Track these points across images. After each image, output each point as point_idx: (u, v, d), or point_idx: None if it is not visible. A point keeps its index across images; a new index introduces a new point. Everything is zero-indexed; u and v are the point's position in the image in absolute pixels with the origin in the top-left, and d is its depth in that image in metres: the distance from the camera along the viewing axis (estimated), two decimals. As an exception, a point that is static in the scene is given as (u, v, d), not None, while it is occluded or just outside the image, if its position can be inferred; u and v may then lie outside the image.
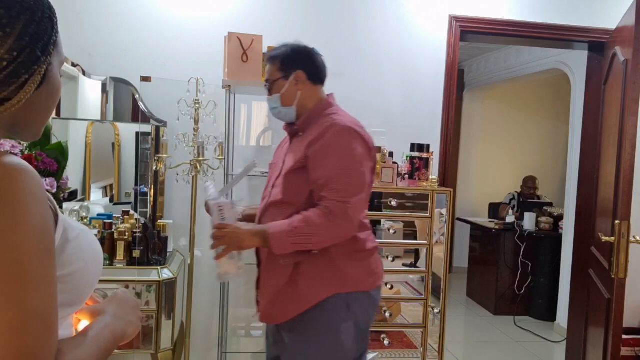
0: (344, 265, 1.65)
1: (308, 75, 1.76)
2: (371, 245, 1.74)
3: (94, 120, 2.76)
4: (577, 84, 4.17)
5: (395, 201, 2.58)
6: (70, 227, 0.75)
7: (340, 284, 1.63)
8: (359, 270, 1.68)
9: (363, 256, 1.70)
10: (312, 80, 1.77)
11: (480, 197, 6.19)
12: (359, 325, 1.67)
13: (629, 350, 3.33)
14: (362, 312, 1.67)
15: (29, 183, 0.61)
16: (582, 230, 3.32)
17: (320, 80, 1.81)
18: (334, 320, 1.63)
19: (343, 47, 3.04)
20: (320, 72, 1.80)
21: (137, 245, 2.39)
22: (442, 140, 3.13)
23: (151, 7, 2.87)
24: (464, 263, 5.72)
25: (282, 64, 1.76)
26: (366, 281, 1.69)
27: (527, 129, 6.34)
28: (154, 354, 2.36)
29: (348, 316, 1.64)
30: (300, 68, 1.75)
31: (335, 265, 1.64)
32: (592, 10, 3.21)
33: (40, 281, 0.60)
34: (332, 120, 1.66)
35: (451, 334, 3.90)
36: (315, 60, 1.80)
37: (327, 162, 1.60)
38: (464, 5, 3.11)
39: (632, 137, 2.36)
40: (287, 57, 1.77)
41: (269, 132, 3.05)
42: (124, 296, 0.87)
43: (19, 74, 0.66)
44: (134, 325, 0.84)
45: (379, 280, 1.75)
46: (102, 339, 0.74)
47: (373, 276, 1.72)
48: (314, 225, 1.56)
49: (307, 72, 1.76)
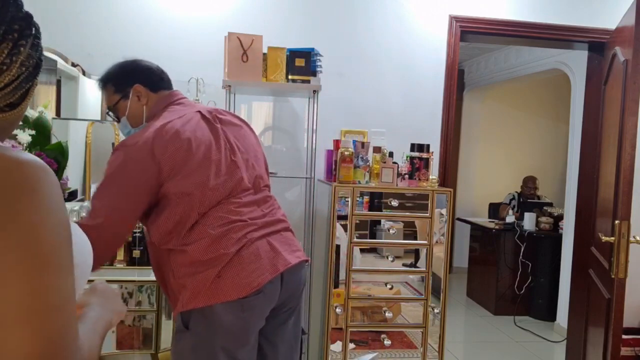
0: (176, 284, 1.54)
1: (146, 86, 1.68)
2: (213, 254, 1.50)
3: (94, 120, 2.76)
4: (577, 84, 4.17)
5: (395, 201, 2.58)
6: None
7: (179, 303, 1.52)
8: (188, 286, 1.50)
9: (193, 270, 1.50)
10: (153, 90, 1.68)
11: (480, 197, 6.19)
12: (198, 341, 1.51)
13: (629, 350, 3.33)
14: (203, 330, 1.50)
15: (52, 180, 0.65)
16: (582, 230, 3.32)
17: (161, 86, 1.71)
18: (175, 331, 1.56)
19: (343, 47, 3.04)
20: (157, 77, 1.71)
21: (137, 245, 2.39)
22: (442, 140, 3.13)
23: (151, 7, 2.87)
24: (464, 263, 5.72)
25: (115, 84, 1.68)
26: (198, 297, 1.48)
27: (527, 129, 6.34)
28: (154, 354, 2.35)
29: (182, 331, 1.53)
30: (137, 81, 1.66)
31: (177, 283, 1.54)
32: (592, 10, 3.21)
33: (65, 270, 0.64)
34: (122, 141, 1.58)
35: (451, 334, 3.90)
36: (147, 68, 1.71)
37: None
38: (464, 5, 3.11)
39: (632, 137, 2.36)
40: (118, 75, 1.68)
41: (269, 132, 3.05)
42: (103, 286, 0.90)
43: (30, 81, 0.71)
44: (118, 314, 0.88)
45: (222, 294, 1.47)
46: (98, 330, 0.78)
47: (207, 291, 1.48)
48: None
49: (143, 82, 1.67)
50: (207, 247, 1.50)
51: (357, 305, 2.71)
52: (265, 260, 1.54)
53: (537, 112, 6.34)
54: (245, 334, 1.54)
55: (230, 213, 1.56)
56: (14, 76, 0.67)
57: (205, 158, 1.55)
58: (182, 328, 1.52)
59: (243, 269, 1.50)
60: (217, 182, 1.56)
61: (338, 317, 2.57)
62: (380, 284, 2.82)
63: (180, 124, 1.56)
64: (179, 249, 1.52)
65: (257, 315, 1.55)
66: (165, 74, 1.74)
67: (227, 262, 1.49)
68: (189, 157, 1.53)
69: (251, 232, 1.56)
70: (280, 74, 2.60)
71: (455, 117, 3.21)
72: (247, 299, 1.50)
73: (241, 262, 1.51)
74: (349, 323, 2.58)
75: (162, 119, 1.58)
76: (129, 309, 2.27)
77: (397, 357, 3.53)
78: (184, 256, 1.51)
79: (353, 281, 2.58)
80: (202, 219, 1.53)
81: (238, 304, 1.49)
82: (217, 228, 1.52)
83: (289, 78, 2.61)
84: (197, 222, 1.52)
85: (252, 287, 1.49)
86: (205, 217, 1.53)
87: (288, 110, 3.01)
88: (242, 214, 1.57)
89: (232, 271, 1.49)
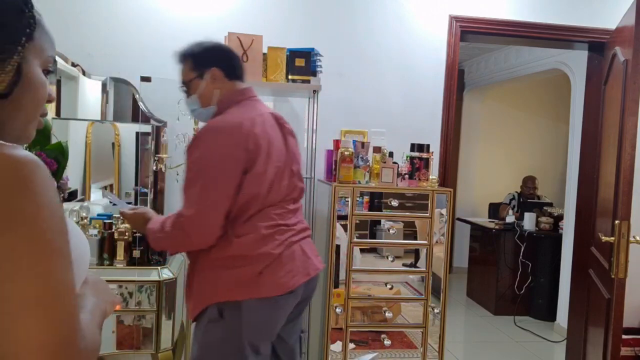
0: (218, 274, 1.59)
1: (224, 72, 1.70)
2: (261, 250, 1.59)
3: (94, 120, 2.76)
4: (577, 84, 4.17)
5: (395, 201, 2.58)
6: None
7: (214, 294, 1.59)
8: (229, 278, 1.58)
9: (238, 263, 1.58)
10: (228, 77, 1.71)
11: (480, 197, 6.19)
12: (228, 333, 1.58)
13: (629, 350, 3.33)
14: (235, 322, 1.57)
15: (46, 174, 0.67)
16: (582, 230, 3.32)
17: (236, 75, 1.73)
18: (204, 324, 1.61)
19: (343, 47, 3.04)
20: (236, 67, 1.74)
21: (137, 245, 2.39)
22: (442, 140, 3.13)
23: (151, 7, 2.87)
24: (464, 263, 5.72)
25: (194, 62, 1.71)
26: (236, 290, 1.57)
27: (527, 129, 6.34)
28: (154, 354, 2.35)
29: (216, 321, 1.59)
30: (215, 65, 1.69)
31: (212, 272, 1.60)
32: (592, 10, 3.21)
33: (67, 259, 0.66)
34: (210, 123, 1.62)
35: (451, 334, 3.90)
36: (229, 55, 1.75)
37: (186, 170, 1.60)
38: (464, 5, 3.11)
39: (632, 137, 2.36)
40: (199, 55, 1.71)
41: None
42: (94, 278, 0.90)
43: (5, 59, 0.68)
44: (111, 304, 0.88)
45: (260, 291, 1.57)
46: (96, 317, 0.79)
47: (247, 285, 1.57)
48: (165, 231, 1.58)
49: (222, 68, 1.70)
50: (254, 243, 1.58)
51: (357, 305, 2.71)
52: (298, 263, 1.65)
53: (537, 112, 6.34)
54: (273, 329, 1.65)
55: (280, 217, 1.66)
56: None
57: (277, 160, 1.65)
58: (217, 318, 1.58)
59: (281, 269, 1.60)
60: (279, 185, 1.65)
61: (338, 317, 2.57)
62: (380, 284, 2.82)
63: (261, 122, 1.63)
64: (226, 240, 1.58)
65: (284, 313, 1.67)
66: (242, 65, 1.77)
67: (271, 262, 1.59)
68: (267, 155, 1.61)
69: (291, 236, 1.67)
70: (280, 74, 2.60)
71: (455, 117, 3.21)
72: (281, 297, 1.61)
73: (280, 263, 1.60)
74: (349, 323, 2.58)
75: (243, 112, 1.64)
76: (129, 309, 2.27)
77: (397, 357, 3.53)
78: (229, 248, 1.58)
79: (353, 281, 2.58)
80: (256, 216, 1.61)
81: (272, 302, 1.60)
82: (267, 228, 1.61)
83: (289, 78, 2.61)
84: (252, 217, 1.60)
85: (287, 287, 1.60)
86: (260, 214, 1.61)
87: (288, 110, 3.01)
88: (287, 219, 1.68)
89: (272, 270, 1.59)
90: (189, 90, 1.74)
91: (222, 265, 1.58)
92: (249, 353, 1.58)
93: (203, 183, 1.53)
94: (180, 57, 1.74)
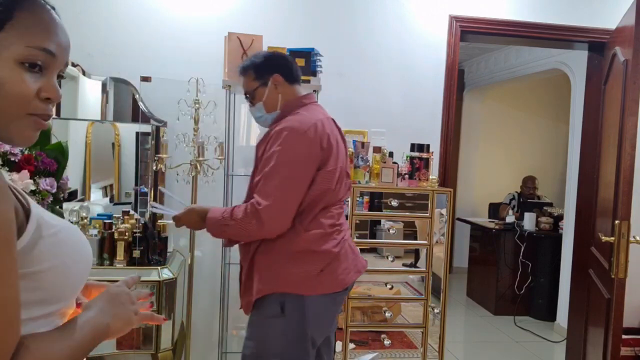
0: (282, 264, 1.66)
1: (285, 77, 1.80)
2: (324, 247, 1.69)
3: (94, 120, 2.76)
4: (577, 84, 4.17)
5: (395, 201, 2.58)
6: (46, 224, 0.73)
7: (276, 283, 1.66)
8: (295, 271, 1.66)
9: (306, 258, 1.67)
10: (289, 81, 1.81)
11: (480, 197, 6.19)
12: (291, 327, 1.66)
13: (629, 350, 3.33)
14: (297, 317, 1.65)
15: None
16: (582, 230, 3.32)
17: (295, 79, 1.84)
18: (263, 317, 1.69)
19: (343, 47, 3.04)
20: (294, 71, 1.84)
21: (137, 245, 2.39)
22: (442, 140, 3.13)
23: (151, 7, 2.87)
24: (464, 263, 5.72)
25: (256, 72, 1.80)
26: (302, 284, 1.66)
27: (527, 129, 6.34)
28: (154, 354, 2.35)
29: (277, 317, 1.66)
30: (276, 71, 1.79)
31: (276, 262, 1.67)
32: (592, 10, 3.21)
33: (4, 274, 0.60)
34: (285, 122, 1.68)
35: (451, 334, 3.90)
36: (287, 61, 1.85)
37: (263, 164, 1.66)
38: (464, 5, 3.11)
39: (632, 137, 2.36)
40: (260, 64, 1.81)
41: (269, 132, 3.05)
42: (116, 290, 0.85)
43: None
44: (122, 319, 0.82)
45: (323, 287, 1.68)
46: (79, 334, 0.73)
47: (312, 281, 1.66)
48: (234, 219, 1.64)
49: (282, 73, 1.80)
50: (320, 239, 1.68)
51: (357, 305, 2.71)
52: (350, 261, 1.76)
53: (537, 112, 6.34)
54: (330, 324, 1.79)
55: (338, 216, 1.77)
56: None
57: (340, 161, 1.75)
58: (278, 313, 1.66)
59: (339, 267, 1.70)
60: (341, 185, 1.75)
61: (338, 317, 2.57)
62: (380, 284, 2.82)
63: (328, 124, 1.74)
64: (294, 233, 1.66)
65: (339, 308, 1.81)
66: (298, 69, 1.88)
67: (332, 260, 1.68)
68: (336, 155, 1.72)
69: (344, 235, 1.78)
70: (280, 74, 2.59)
71: (455, 117, 3.21)
72: (338, 294, 1.72)
73: (338, 261, 1.71)
74: (349, 323, 2.58)
75: (312, 114, 1.73)
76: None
77: (397, 357, 3.53)
78: (298, 241, 1.66)
79: (353, 281, 2.58)
80: (321, 213, 1.70)
81: (331, 298, 1.71)
82: (330, 226, 1.71)
83: (289, 78, 2.60)
84: (318, 213, 1.69)
85: (344, 284, 1.72)
86: (324, 211, 1.71)
87: (288, 110, 3.01)
88: (341, 219, 1.79)
89: (332, 268, 1.69)
90: (253, 99, 1.84)
91: (290, 258, 1.66)
92: (309, 346, 1.67)
93: (282, 176, 1.62)
94: (242, 70, 1.84)
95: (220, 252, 2.79)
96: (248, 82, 1.83)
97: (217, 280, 2.84)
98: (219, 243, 2.80)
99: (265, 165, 1.65)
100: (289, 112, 1.77)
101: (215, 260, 2.85)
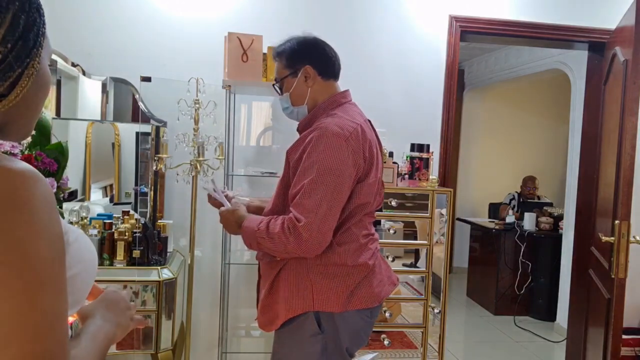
0: (314, 280, 1.52)
1: (318, 70, 1.63)
2: (359, 261, 1.56)
3: (94, 120, 2.76)
4: (577, 84, 4.18)
5: (395, 201, 2.58)
6: (69, 230, 0.75)
7: (309, 301, 1.52)
8: (330, 288, 1.52)
9: (341, 273, 1.53)
10: (322, 76, 1.64)
11: (480, 197, 6.20)
12: (329, 345, 1.55)
13: (629, 350, 3.33)
14: (333, 333, 1.54)
15: (44, 190, 0.61)
16: (582, 230, 3.32)
17: (331, 74, 1.67)
18: (301, 337, 1.55)
19: (343, 47, 3.00)
20: (330, 65, 1.66)
21: (137, 245, 2.39)
22: (442, 140, 3.13)
23: (151, 7, 2.87)
24: (464, 263, 5.72)
25: (288, 59, 1.64)
26: (338, 301, 1.52)
27: (527, 129, 6.35)
28: (154, 354, 2.36)
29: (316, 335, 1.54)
30: (309, 63, 1.62)
31: (307, 279, 1.53)
32: (592, 10, 3.21)
33: (57, 287, 0.62)
34: (320, 125, 1.51)
35: (451, 334, 3.90)
36: (324, 52, 1.66)
37: (301, 174, 1.48)
38: (464, 5, 3.11)
39: (632, 137, 2.36)
40: (293, 52, 1.64)
41: (269, 132, 3.05)
42: (114, 297, 0.86)
43: (14, 68, 0.64)
44: (122, 327, 0.84)
45: (359, 302, 1.55)
46: (98, 342, 0.75)
47: (348, 297, 1.53)
48: (271, 233, 1.47)
49: (316, 66, 1.63)
50: (354, 252, 1.55)
51: (357, 305, 2.71)
52: (384, 272, 1.66)
53: (537, 112, 6.34)
54: (366, 337, 1.67)
55: (370, 226, 1.66)
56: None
57: (377, 169, 1.61)
58: (317, 331, 1.54)
59: (374, 280, 1.60)
60: (377, 195, 1.65)
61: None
62: (380, 284, 2.81)
63: (368, 128, 1.60)
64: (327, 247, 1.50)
65: (375, 320, 1.68)
66: (338, 64, 1.69)
67: (367, 273, 1.57)
68: (376, 167, 1.60)
69: (376, 246, 1.67)
70: (280, 74, 2.59)
71: (455, 117, 3.20)
72: (374, 308, 1.62)
73: (374, 274, 1.60)
74: (349, 323, 2.57)
75: (352, 116, 1.58)
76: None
77: (397, 357, 3.53)
78: (331, 255, 1.53)
79: (353, 281, 2.58)
80: (355, 224, 1.57)
81: (368, 312, 1.61)
82: (363, 237, 1.59)
83: (289, 78, 2.60)
84: (351, 226, 1.56)
85: (380, 298, 1.61)
86: (358, 223, 1.59)
87: (288, 110, 3.01)
88: (372, 229, 1.68)
89: (368, 281, 1.58)
90: (281, 88, 1.68)
91: (322, 273, 1.53)
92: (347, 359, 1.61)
93: (324, 191, 1.44)
94: (275, 54, 1.68)
95: (220, 252, 2.79)
96: (278, 69, 1.67)
97: (217, 280, 2.84)
98: (219, 243, 2.81)
99: (304, 175, 1.47)
100: (323, 111, 1.61)
101: (215, 260, 2.85)
